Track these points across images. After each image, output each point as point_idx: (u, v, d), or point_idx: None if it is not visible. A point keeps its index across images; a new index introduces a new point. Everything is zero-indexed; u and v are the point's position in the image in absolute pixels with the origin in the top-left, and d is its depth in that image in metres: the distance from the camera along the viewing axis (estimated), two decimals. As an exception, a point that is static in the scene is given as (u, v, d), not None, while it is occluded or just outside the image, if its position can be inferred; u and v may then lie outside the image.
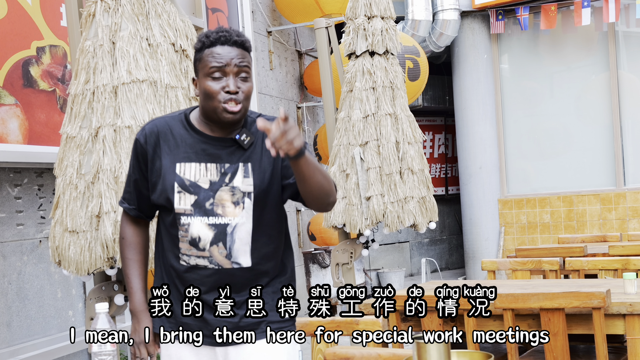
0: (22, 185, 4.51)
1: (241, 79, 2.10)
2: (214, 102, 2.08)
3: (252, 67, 2.17)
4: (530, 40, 9.12)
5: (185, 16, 3.33)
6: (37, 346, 4.46)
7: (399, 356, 2.11)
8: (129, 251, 2.26)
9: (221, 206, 2.11)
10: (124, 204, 2.26)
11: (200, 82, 2.12)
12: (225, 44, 2.10)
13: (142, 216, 2.27)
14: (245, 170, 2.13)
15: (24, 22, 4.44)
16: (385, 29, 4.95)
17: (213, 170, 2.13)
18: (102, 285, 3.23)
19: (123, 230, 2.28)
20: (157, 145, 2.16)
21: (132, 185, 2.23)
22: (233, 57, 2.09)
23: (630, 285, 3.21)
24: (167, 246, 2.18)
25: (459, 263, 11.47)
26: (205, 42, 2.11)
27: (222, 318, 2.13)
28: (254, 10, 7.57)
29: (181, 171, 2.13)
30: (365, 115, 4.86)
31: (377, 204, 4.73)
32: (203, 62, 2.10)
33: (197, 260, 2.12)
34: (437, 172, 11.54)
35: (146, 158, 2.17)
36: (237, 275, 2.13)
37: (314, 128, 8.64)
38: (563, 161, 8.96)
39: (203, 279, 2.13)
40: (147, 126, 2.20)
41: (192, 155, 2.14)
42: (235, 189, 2.12)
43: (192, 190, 2.12)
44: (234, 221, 2.11)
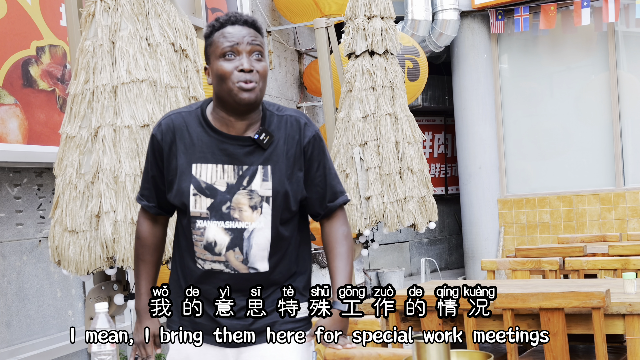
0: (21, 185, 4.51)
1: (255, 58, 2.00)
2: (228, 84, 1.98)
3: (265, 48, 2.10)
4: (530, 40, 9.13)
5: (185, 16, 3.33)
6: (36, 346, 4.46)
7: (399, 356, 2.11)
8: (143, 252, 2.20)
9: (238, 210, 2.02)
10: (142, 201, 2.17)
11: (213, 66, 2.02)
12: (236, 24, 2.02)
13: (163, 213, 2.18)
14: (264, 173, 2.04)
15: (24, 21, 4.44)
16: (385, 29, 4.95)
17: (230, 172, 2.03)
18: (102, 285, 3.23)
19: (140, 229, 2.20)
20: (173, 142, 2.07)
21: (151, 181, 2.13)
22: (245, 35, 2.00)
23: (630, 285, 3.21)
24: (184, 247, 2.12)
25: (459, 263, 11.47)
26: (215, 24, 2.04)
27: (234, 320, 2.08)
28: (254, 10, 7.57)
29: (197, 172, 2.04)
30: (365, 115, 4.86)
31: (377, 203, 4.73)
32: (214, 44, 2.02)
33: (213, 265, 2.05)
34: (437, 172, 11.54)
35: (162, 155, 2.09)
36: (254, 280, 2.06)
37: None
38: (563, 161, 8.96)
39: (218, 283, 2.06)
40: (164, 121, 2.10)
41: (208, 155, 2.04)
42: (253, 193, 2.03)
43: (209, 193, 2.03)
44: (251, 226, 2.03)
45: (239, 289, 2.06)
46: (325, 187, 2.13)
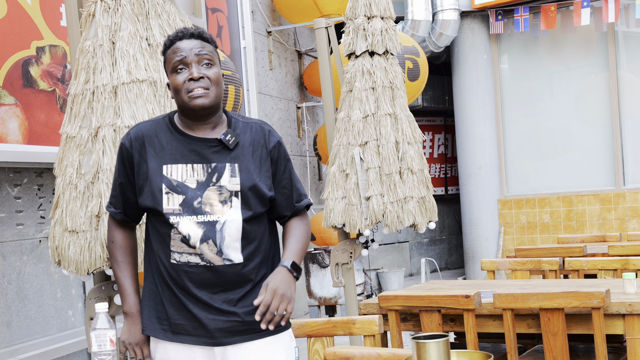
0: (21, 185, 4.51)
1: (205, 65, 2.16)
2: (181, 94, 2.15)
3: (217, 57, 2.22)
4: (530, 40, 9.13)
5: (185, 16, 3.33)
6: (36, 346, 4.47)
7: (399, 356, 2.11)
8: (120, 254, 2.28)
9: (209, 205, 2.14)
10: (110, 208, 2.30)
11: (170, 81, 2.19)
12: (184, 39, 2.18)
13: (129, 220, 2.29)
14: (232, 169, 2.16)
15: (24, 22, 4.44)
16: (385, 29, 4.95)
17: (200, 170, 2.16)
18: (102, 285, 3.23)
19: (112, 234, 2.31)
20: (142, 148, 2.19)
21: (118, 189, 2.26)
22: (192, 47, 2.16)
23: (630, 285, 3.21)
24: (157, 247, 2.19)
25: (459, 263, 11.47)
26: (166, 43, 2.21)
27: (217, 316, 2.14)
28: (254, 11, 7.57)
29: (168, 172, 2.16)
30: (365, 116, 4.86)
31: (377, 204, 4.73)
32: (167, 61, 2.20)
33: (189, 258, 2.14)
34: (437, 172, 11.54)
35: (132, 162, 2.20)
36: (229, 272, 2.14)
37: (313, 128, 8.65)
38: (563, 161, 8.96)
39: (195, 277, 2.13)
40: (132, 131, 2.24)
41: (178, 156, 2.17)
42: (222, 188, 2.15)
43: (180, 190, 2.14)
44: (222, 218, 2.13)
45: (216, 282, 2.14)
46: (291, 188, 2.29)
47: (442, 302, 3.08)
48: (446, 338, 1.60)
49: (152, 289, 2.22)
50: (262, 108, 7.43)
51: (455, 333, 3.80)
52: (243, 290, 2.16)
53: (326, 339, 2.52)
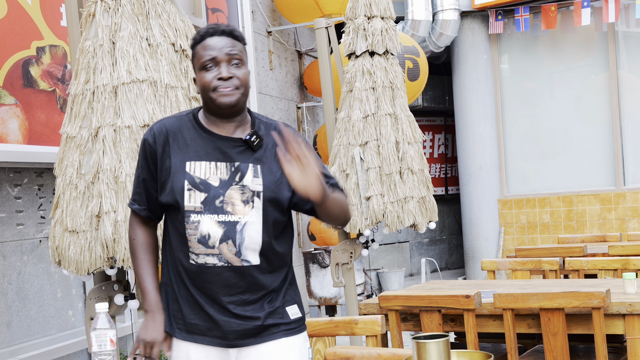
0: (22, 185, 4.52)
1: (234, 65, 2.14)
2: (208, 92, 2.13)
3: (245, 56, 2.20)
4: (530, 40, 9.13)
5: (185, 16, 3.33)
6: (37, 346, 4.47)
7: (399, 356, 2.11)
8: (141, 251, 2.24)
9: (231, 204, 2.12)
10: (134, 205, 2.25)
11: (197, 77, 2.17)
12: (214, 35, 2.15)
13: (152, 217, 2.26)
14: (255, 170, 2.14)
15: (24, 22, 4.44)
16: (385, 29, 4.95)
17: (223, 168, 2.14)
18: (102, 285, 3.23)
19: (133, 231, 2.26)
20: (166, 144, 2.17)
21: (142, 185, 2.22)
22: (222, 46, 2.13)
23: (630, 285, 3.21)
24: (176, 245, 2.17)
25: (459, 263, 11.47)
26: (196, 38, 2.18)
27: (232, 319, 2.13)
28: (254, 10, 7.57)
29: (191, 169, 2.14)
30: (365, 115, 4.86)
31: (377, 203, 4.73)
32: (196, 57, 2.16)
33: (206, 259, 2.12)
34: (437, 172, 11.54)
35: (155, 158, 2.18)
36: (247, 274, 2.13)
37: (313, 128, 8.64)
38: (563, 161, 8.96)
39: (212, 278, 2.12)
40: (155, 126, 2.21)
41: (202, 153, 2.15)
42: (245, 188, 2.13)
43: (202, 187, 2.12)
44: (243, 219, 2.11)
45: (233, 284, 2.12)
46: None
47: (443, 302, 3.08)
48: (446, 338, 1.60)
49: (168, 286, 2.21)
50: (263, 108, 7.43)
51: (455, 333, 3.80)
52: (259, 293, 2.15)
53: (328, 338, 2.52)
